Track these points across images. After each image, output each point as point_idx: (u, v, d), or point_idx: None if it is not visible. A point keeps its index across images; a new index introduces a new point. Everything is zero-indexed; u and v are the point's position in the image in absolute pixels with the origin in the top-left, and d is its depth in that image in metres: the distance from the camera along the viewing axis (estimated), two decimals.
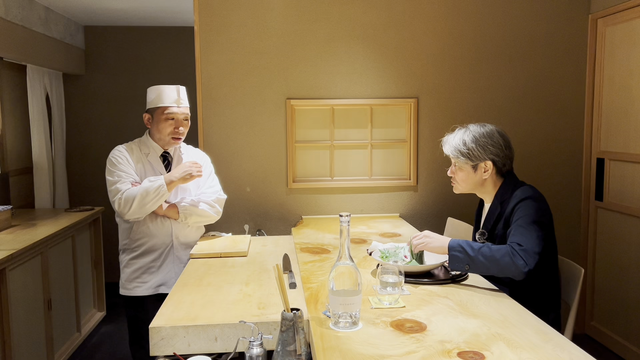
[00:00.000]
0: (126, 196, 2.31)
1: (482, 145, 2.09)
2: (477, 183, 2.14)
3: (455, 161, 2.17)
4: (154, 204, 2.35)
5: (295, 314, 1.45)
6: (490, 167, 2.10)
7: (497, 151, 2.09)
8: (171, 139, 2.48)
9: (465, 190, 2.20)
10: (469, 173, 2.14)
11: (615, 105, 3.30)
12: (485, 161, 2.10)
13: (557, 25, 3.43)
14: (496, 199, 2.13)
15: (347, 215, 1.50)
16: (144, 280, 2.47)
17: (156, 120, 2.45)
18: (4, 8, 3.44)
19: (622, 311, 3.27)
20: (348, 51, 3.33)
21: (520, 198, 2.01)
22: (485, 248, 1.90)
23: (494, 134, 2.11)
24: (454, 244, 1.95)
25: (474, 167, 2.12)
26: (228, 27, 3.25)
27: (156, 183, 2.34)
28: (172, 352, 1.56)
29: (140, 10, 4.30)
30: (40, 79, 4.16)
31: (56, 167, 4.44)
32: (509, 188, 2.10)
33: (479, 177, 2.13)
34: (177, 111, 2.45)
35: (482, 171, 2.11)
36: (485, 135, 2.10)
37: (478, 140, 2.09)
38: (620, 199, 3.28)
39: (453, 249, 1.94)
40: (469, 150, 2.10)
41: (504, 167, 2.12)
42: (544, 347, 1.40)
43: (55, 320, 3.15)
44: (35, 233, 3.04)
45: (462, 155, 2.12)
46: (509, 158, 2.12)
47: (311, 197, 3.38)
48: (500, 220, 2.08)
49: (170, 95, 2.45)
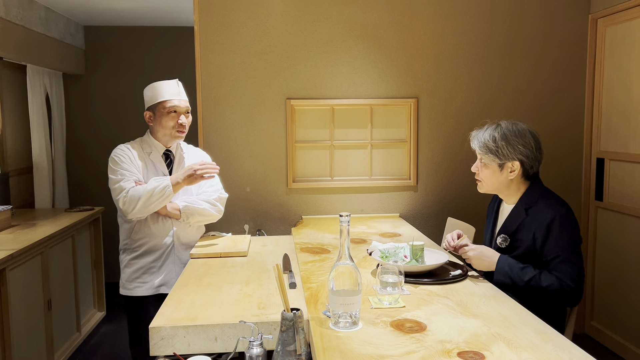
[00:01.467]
0: (131, 195, 2.31)
1: (513, 144, 2.01)
2: (502, 184, 2.07)
3: (482, 157, 2.08)
4: (159, 204, 2.34)
5: (295, 314, 1.45)
6: (517, 168, 2.02)
7: (527, 152, 2.01)
8: (175, 132, 2.46)
9: (490, 189, 2.12)
10: (495, 171, 2.06)
11: (615, 105, 3.30)
12: (513, 161, 2.02)
13: (557, 25, 3.43)
14: (520, 203, 2.05)
15: (347, 215, 1.50)
16: (144, 281, 2.47)
17: (158, 115, 2.44)
18: (4, 8, 3.44)
19: (622, 311, 3.27)
20: (348, 51, 3.33)
21: (554, 215, 1.94)
22: (535, 281, 1.90)
23: (526, 134, 2.03)
24: (502, 267, 1.96)
25: (500, 165, 2.04)
26: (228, 27, 3.25)
27: (162, 184, 2.33)
28: (172, 352, 1.56)
29: (140, 10, 4.30)
30: (40, 79, 4.16)
31: (56, 167, 4.44)
32: (534, 194, 2.04)
33: (504, 177, 2.05)
34: (178, 103, 2.45)
35: (509, 171, 2.03)
36: (516, 134, 2.02)
37: (509, 138, 2.01)
38: (620, 199, 3.28)
39: (500, 274, 1.97)
40: (498, 147, 2.02)
41: (531, 169, 2.04)
42: (544, 347, 1.40)
43: (55, 320, 3.15)
44: (35, 233, 3.04)
45: (490, 151, 2.04)
46: (538, 160, 2.04)
47: (311, 197, 3.38)
48: (525, 227, 2.01)
49: (170, 89, 2.44)
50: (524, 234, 2.01)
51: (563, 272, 1.90)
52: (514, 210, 2.08)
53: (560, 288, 1.88)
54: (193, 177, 2.38)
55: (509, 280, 1.94)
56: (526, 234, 2.01)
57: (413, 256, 2.09)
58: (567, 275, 1.90)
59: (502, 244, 2.08)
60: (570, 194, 3.53)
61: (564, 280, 1.89)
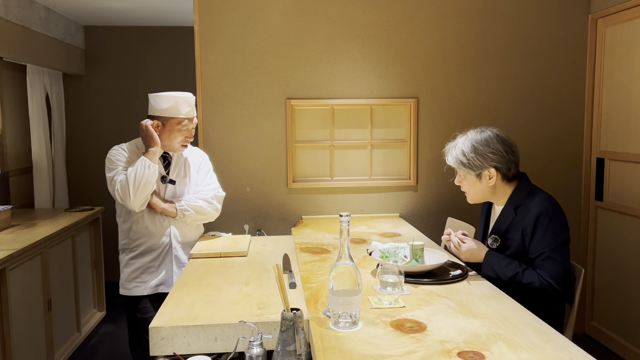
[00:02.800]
0: (121, 184, 2.33)
1: (482, 154, 2.03)
2: (486, 191, 2.10)
3: (459, 171, 2.13)
4: (148, 181, 2.34)
5: (295, 314, 1.45)
6: (494, 174, 2.05)
7: (498, 158, 2.03)
8: (181, 147, 2.50)
9: (478, 198, 2.15)
10: (474, 182, 2.09)
11: (615, 105, 3.30)
12: (487, 169, 2.05)
13: (557, 25, 3.43)
14: (509, 203, 2.08)
15: (347, 215, 1.50)
16: (143, 280, 2.47)
17: (168, 129, 2.44)
18: (4, 8, 3.44)
19: (622, 311, 3.27)
20: (348, 51, 3.33)
21: (539, 212, 1.96)
22: (518, 278, 1.93)
23: (491, 141, 2.05)
24: (488, 261, 2.00)
25: (477, 175, 2.07)
26: (228, 27, 3.25)
27: (139, 160, 2.36)
28: (172, 352, 1.56)
29: (140, 10, 4.30)
30: (40, 79, 4.16)
31: (56, 167, 4.44)
32: (522, 192, 2.06)
33: (485, 185, 2.08)
34: (192, 124, 2.48)
35: (487, 179, 2.06)
36: (483, 143, 2.04)
37: (477, 149, 2.04)
38: (620, 199, 3.28)
39: (486, 269, 2.00)
40: (469, 160, 2.05)
41: (509, 172, 2.06)
42: (544, 347, 1.40)
43: (55, 320, 3.15)
44: (35, 233, 3.04)
45: (464, 165, 2.07)
46: (514, 162, 2.06)
47: (311, 197, 3.38)
48: (514, 227, 2.03)
49: (186, 108, 2.45)
50: (514, 233, 2.04)
51: (544, 270, 1.91)
52: (503, 210, 2.10)
53: (540, 286, 1.89)
54: (144, 136, 2.41)
55: (494, 274, 1.98)
56: (516, 232, 2.03)
57: (413, 256, 2.09)
58: (548, 273, 1.91)
59: (493, 244, 2.10)
60: (570, 194, 3.53)
61: (545, 279, 1.90)
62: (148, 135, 2.41)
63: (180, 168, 2.56)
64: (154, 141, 2.41)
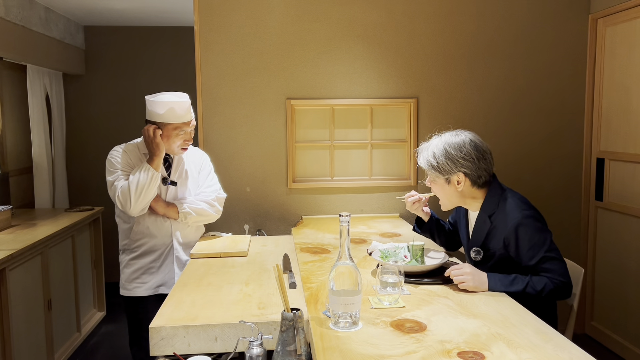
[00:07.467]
0: (122, 190, 2.32)
1: (452, 158, 1.98)
2: (455, 196, 2.05)
3: (429, 174, 2.09)
4: (149, 188, 2.32)
5: (295, 314, 1.45)
6: (462, 179, 2.00)
7: (468, 164, 1.98)
8: (181, 150, 2.49)
9: (449, 205, 2.10)
10: (443, 186, 2.05)
11: (615, 105, 3.30)
12: (457, 174, 2.00)
13: (557, 25, 3.43)
14: (482, 212, 2.04)
15: (347, 215, 1.50)
16: (143, 281, 2.47)
17: (166, 134, 2.41)
18: (4, 8, 3.44)
19: (622, 311, 3.27)
20: (348, 51, 3.32)
21: (517, 222, 1.92)
22: (530, 288, 1.87)
23: (464, 146, 1.98)
24: (494, 287, 1.88)
25: (446, 180, 2.03)
26: (228, 27, 3.25)
27: (142, 167, 2.34)
28: (172, 352, 1.56)
29: (140, 10, 4.30)
30: (40, 79, 4.16)
31: (56, 167, 4.44)
32: (494, 199, 2.02)
33: (453, 190, 2.03)
34: (189, 128, 2.46)
35: (456, 183, 2.02)
36: (455, 147, 1.99)
37: (448, 153, 1.99)
38: (620, 199, 3.28)
39: (494, 290, 1.89)
40: (438, 163, 2.00)
41: (479, 179, 2.00)
42: (544, 347, 1.40)
43: (55, 320, 3.15)
44: (35, 233, 3.04)
45: (434, 168, 2.03)
46: (485, 170, 1.99)
47: (311, 197, 3.38)
48: (493, 236, 1.99)
49: (182, 113, 2.42)
50: (494, 242, 2.00)
51: (551, 271, 1.91)
52: (478, 220, 2.06)
53: (554, 287, 1.89)
54: (150, 143, 2.37)
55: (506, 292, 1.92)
56: (496, 242, 1.99)
57: (413, 256, 2.10)
58: (555, 272, 1.91)
59: (477, 257, 2.06)
60: (570, 194, 3.53)
61: (556, 278, 1.90)
62: (154, 143, 2.37)
63: (182, 169, 2.55)
64: (159, 149, 2.38)
